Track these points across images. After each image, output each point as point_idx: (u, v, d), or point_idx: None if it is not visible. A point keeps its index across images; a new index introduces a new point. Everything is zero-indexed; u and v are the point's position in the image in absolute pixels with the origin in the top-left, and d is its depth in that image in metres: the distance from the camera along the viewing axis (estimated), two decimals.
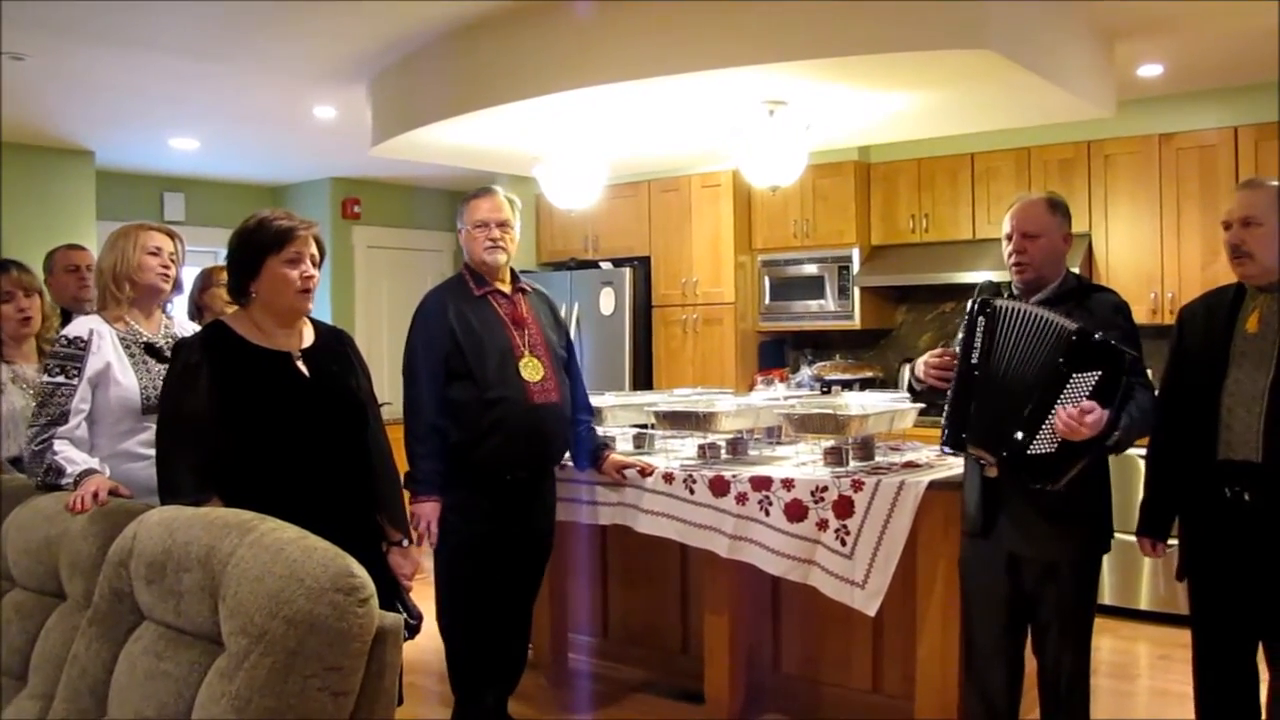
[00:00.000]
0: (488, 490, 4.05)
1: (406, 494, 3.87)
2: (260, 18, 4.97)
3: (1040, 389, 3.28)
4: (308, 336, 3.26)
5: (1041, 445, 3.28)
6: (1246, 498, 3.27)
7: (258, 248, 3.12)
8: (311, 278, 3.16)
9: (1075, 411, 3.17)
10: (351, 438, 3.23)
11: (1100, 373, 3.21)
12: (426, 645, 4.14)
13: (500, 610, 4.16)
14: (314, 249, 3.18)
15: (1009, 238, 3.57)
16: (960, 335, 3.54)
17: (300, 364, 3.18)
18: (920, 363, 3.69)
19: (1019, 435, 3.30)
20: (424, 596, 3.54)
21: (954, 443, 3.50)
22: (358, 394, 3.29)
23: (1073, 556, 3.49)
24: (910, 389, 3.88)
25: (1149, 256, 6.38)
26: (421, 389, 4.02)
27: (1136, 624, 6.00)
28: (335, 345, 3.32)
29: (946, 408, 3.51)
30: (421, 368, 4.04)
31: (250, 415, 3.04)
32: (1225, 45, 5.35)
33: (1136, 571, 6.06)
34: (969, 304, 3.55)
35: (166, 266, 3.60)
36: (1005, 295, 3.56)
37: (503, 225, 4.14)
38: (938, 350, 3.67)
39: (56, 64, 5.61)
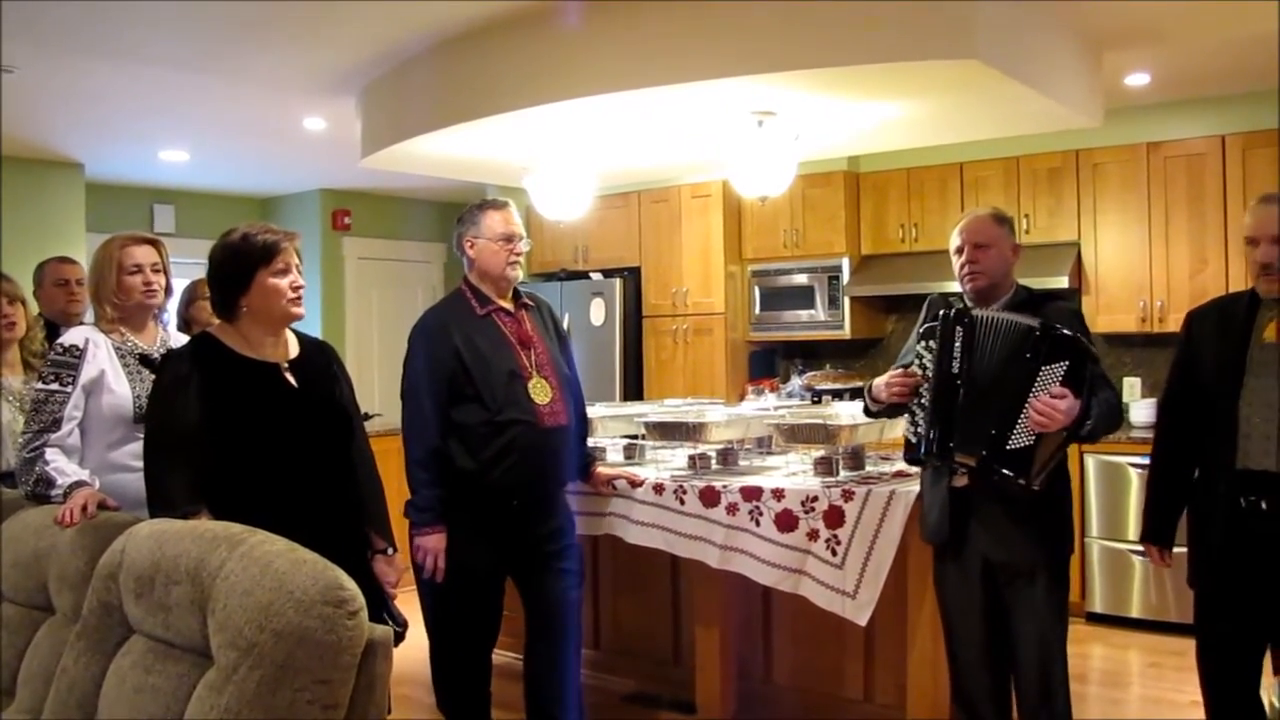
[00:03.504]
0: (490, 517, 3.91)
1: (406, 524, 3.85)
2: (250, 30, 4.97)
3: (1013, 386, 3.34)
4: (293, 348, 3.27)
5: (1019, 439, 3.33)
6: (1263, 506, 3.28)
7: (246, 262, 3.13)
8: (302, 286, 3.19)
9: (1049, 399, 3.25)
10: (338, 448, 3.26)
11: (1067, 363, 3.28)
12: (417, 656, 4.13)
13: (492, 645, 4.12)
14: (297, 258, 3.21)
15: (959, 251, 3.64)
16: (925, 346, 3.55)
17: (288, 375, 3.19)
18: (879, 383, 3.69)
19: (995, 432, 3.35)
20: (409, 603, 3.52)
21: (942, 453, 3.50)
22: (344, 404, 3.31)
23: (1045, 560, 3.53)
24: (865, 409, 3.87)
25: (1137, 265, 6.40)
26: (424, 412, 3.87)
27: (1128, 632, 6.00)
28: (319, 356, 3.35)
29: (920, 420, 3.53)
30: (424, 390, 3.88)
31: (239, 426, 3.05)
32: (1213, 54, 5.38)
33: (1127, 580, 6.07)
34: (930, 314, 3.62)
35: (149, 282, 3.56)
36: (960, 307, 3.59)
37: (522, 239, 4.03)
38: (897, 370, 3.67)
39: (46, 76, 5.61)
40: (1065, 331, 3.31)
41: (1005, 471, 3.37)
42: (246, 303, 3.13)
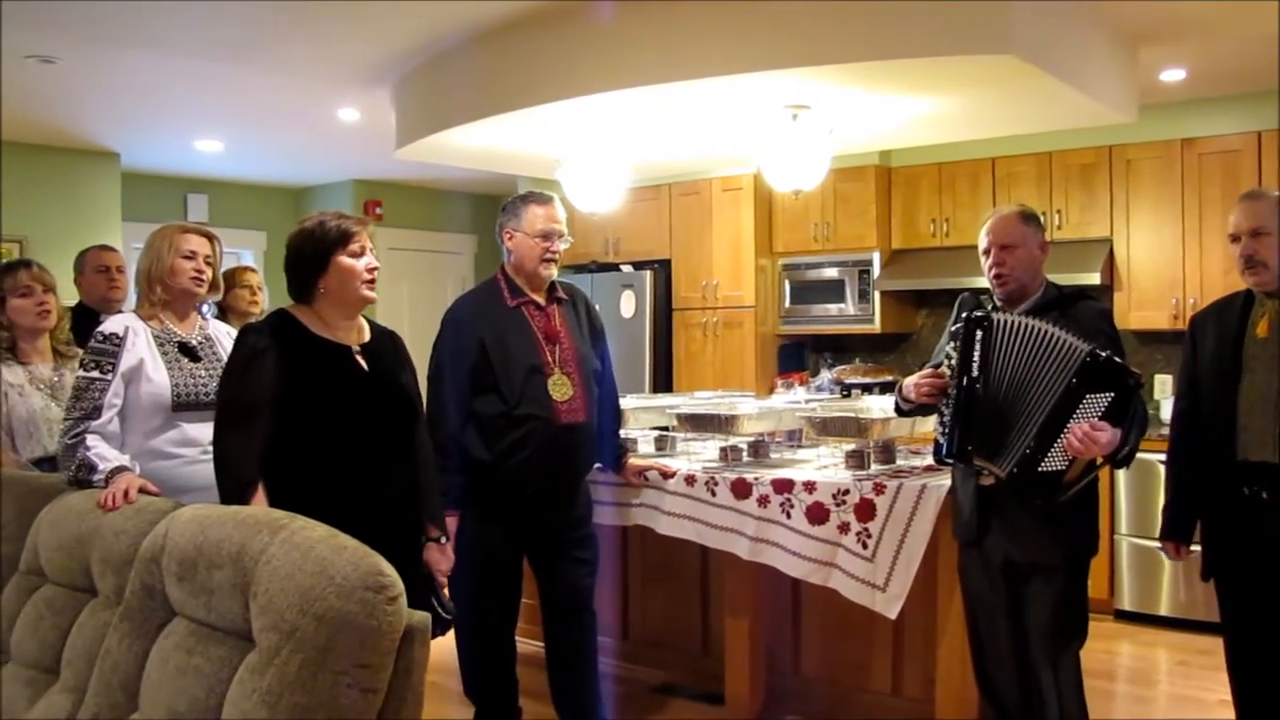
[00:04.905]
0: (507, 505, 3.97)
1: None
2: (286, 21, 5.01)
3: (1052, 407, 3.31)
4: (365, 333, 3.38)
5: (1053, 462, 3.32)
6: (1264, 496, 3.36)
7: (324, 245, 3.23)
8: (376, 268, 3.30)
9: (1090, 430, 3.21)
10: (402, 433, 3.35)
11: (1113, 395, 3.26)
12: (449, 645, 4.16)
13: (513, 625, 4.16)
14: (371, 244, 3.31)
15: (986, 252, 3.63)
16: (954, 347, 3.54)
17: (359, 358, 3.29)
18: (909, 383, 3.69)
19: (1029, 451, 3.33)
20: None
21: (960, 455, 3.50)
22: (410, 391, 3.41)
23: (1064, 560, 3.53)
24: (897, 408, 3.86)
25: (1170, 262, 6.37)
26: (446, 400, 3.93)
27: (1156, 630, 5.99)
28: (389, 344, 3.45)
29: (947, 420, 3.52)
30: (447, 378, 3.95)
31: (311, 403, 3.15)
32: (1248, 50, 5.34)
33: (1156, 577, 6.06)
34: (958, 315, 3.59)
35: (200, 271, 3.62)
36: (990, 307, 3.58)
37: (562, 237, 4.04)
38: (926, 370, 3.67)
39: (84, 67, 5.67)
40: (1118, 362, 3.28)
41: (1033, 492, 3.38)
42: (324, 284, 3.24)
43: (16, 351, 4.10)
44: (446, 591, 3.53)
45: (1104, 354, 3.27)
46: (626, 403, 5.06)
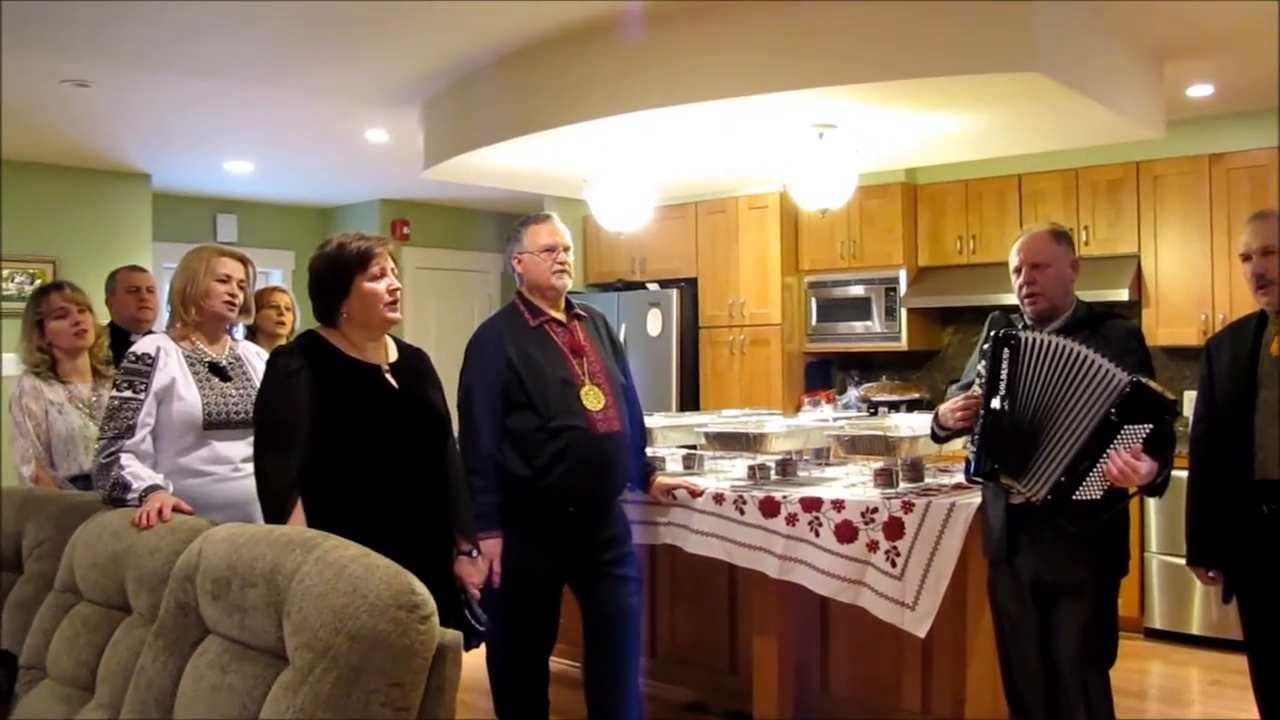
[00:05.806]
0: (546, 523, 3.96)
1: None
2: (315, 44, 5.06)
3: (1089, 435, 3.29)
4: (392, 352, 3.42)
5: (1089, 491, 3.30)
6: None
7: (344, 269, 3.27)
8: (398, 289, 3.34)
9: (1132, 460, 3.21)
10: (433, 448, 3.39)
11: (1151, 426, 3.24)
12: (476, 663, 4.16)
13: (549, 650, 4.15)
14: (392, 262, 3.35)
15: (1018, 271, 3.62)
16: (982, 365, 3.53)
17: (389, 376, 3.33)
18: (945, 410, 3.68)
19: (1064, 479, 3.32)
20: None
21: (989, 475, 3.50)
22: (439, 408, 3.44)
23: (1093, 579, 3.51)
24: (934, 436, 3.84)
25: (1199, 278, 6.34)
26: (479, 421, 3.93)
27: (1189, 649, 5.94)
28: (416, 361, 3.49)
29: (975, 438, 3.51)
30: (478, 401, 3.94)
31: (344, 421, 3.19)
32: (1275, 64, 5.32)
33: (1188, 596, 6.01)
34: (988, 334, 3.57)
35: (234, 294, 3.66)
36: (1020, 326, 3.58)
37: (567, 249, 4.08)
38: (959, 397, 3.64)
39: (117, 90, 5.74)
40: (1158, 392, 3.26)
41: (1065, 518, 3.36)
42: (347, 309, 3.28)
43: (57, 370, 4.17)
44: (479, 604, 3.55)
45: (1145, 384, 3.24)
46: (654, 421, 5.08)
